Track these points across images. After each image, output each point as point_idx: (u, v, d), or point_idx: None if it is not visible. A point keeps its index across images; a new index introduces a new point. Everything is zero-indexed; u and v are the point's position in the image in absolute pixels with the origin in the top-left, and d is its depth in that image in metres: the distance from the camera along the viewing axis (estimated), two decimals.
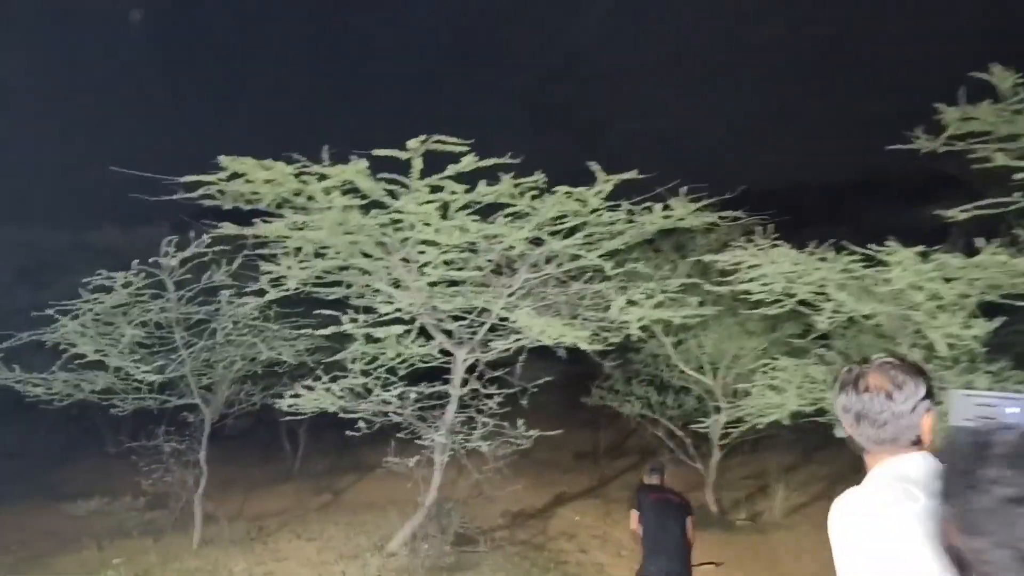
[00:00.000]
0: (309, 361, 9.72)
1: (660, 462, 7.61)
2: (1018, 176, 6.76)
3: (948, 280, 5.25)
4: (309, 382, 8.29)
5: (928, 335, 5.39)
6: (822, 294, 6.05)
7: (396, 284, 8.27)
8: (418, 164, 6.84)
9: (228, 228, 7.55)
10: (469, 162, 6.94)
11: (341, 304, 8.93)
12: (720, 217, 7.23)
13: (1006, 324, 5.39)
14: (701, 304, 8.00)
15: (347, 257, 7.85)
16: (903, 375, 1.98)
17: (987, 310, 5.56)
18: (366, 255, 7.96)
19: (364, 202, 7.38)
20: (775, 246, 6.17)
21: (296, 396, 8.12)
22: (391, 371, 8.40)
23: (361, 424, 8.20)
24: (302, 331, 8.87)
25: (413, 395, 8.14)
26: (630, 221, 7.51)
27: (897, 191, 12.63)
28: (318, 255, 7.95)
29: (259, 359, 9.63)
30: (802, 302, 6.01)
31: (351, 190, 7.26)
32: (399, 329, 7.69)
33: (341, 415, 8.38)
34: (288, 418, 9.51)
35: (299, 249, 7.75)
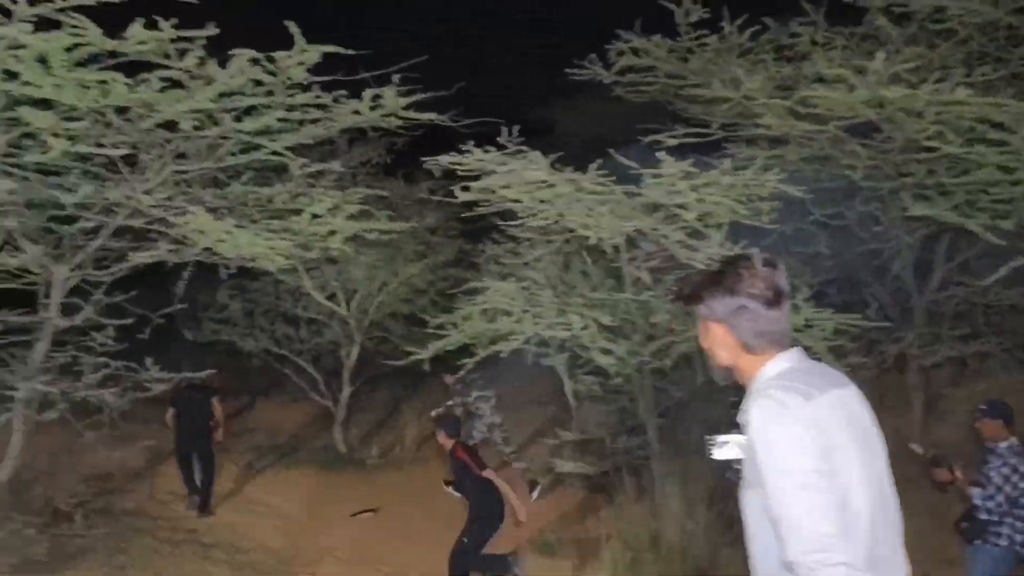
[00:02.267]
0: None
1: None
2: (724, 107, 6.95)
3: (712, 197, 4.98)
4: None
5: (680, 254, 5.10)
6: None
7: None
8: None
9: None
10: None
11: None
12: (453, 120, 6.05)
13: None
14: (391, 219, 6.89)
15: None
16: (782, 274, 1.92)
17: None
18: None
19: None
20: (521, 152, 5.34)
21: None
22: None
23: None
24: None
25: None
26: (323, 107, 6.02)
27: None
28: None
29: None
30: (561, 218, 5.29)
31: None
32: None
33: None
34: None
35: None
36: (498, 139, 5.45)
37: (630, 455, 7.21)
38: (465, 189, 5.34)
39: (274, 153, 6.10)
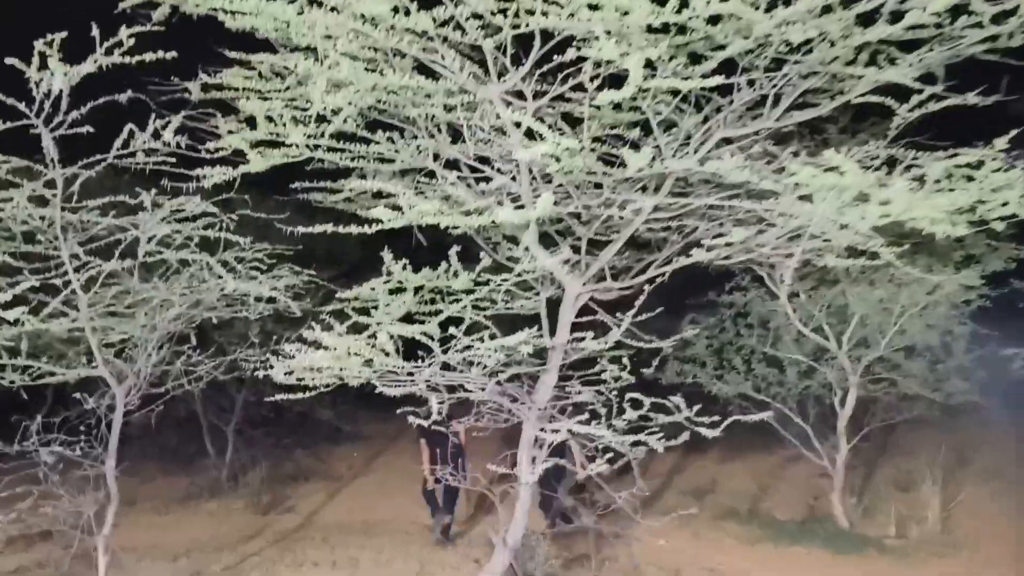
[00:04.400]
0: (294, 308, 5.78)
1: None
2: None
3: None
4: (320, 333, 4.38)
5: None
6: None
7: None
8: None
9: None
10: None
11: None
12: None
13: None
14: None
15: (403, 84, 4.00)
16: None
17: None
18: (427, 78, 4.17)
19: None
20: None
21: (304, 352, 4.22)
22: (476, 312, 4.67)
23: (434, 406, 4.41)
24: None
25: (526, 350, 4.34)
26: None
27: None
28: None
29: (211, 301, 5.61)
30: None
31: None
32: (524, 216, 3.88)
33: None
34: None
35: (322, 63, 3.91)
36: None
37: None
38: None
39: (876, 91, 4.19)
